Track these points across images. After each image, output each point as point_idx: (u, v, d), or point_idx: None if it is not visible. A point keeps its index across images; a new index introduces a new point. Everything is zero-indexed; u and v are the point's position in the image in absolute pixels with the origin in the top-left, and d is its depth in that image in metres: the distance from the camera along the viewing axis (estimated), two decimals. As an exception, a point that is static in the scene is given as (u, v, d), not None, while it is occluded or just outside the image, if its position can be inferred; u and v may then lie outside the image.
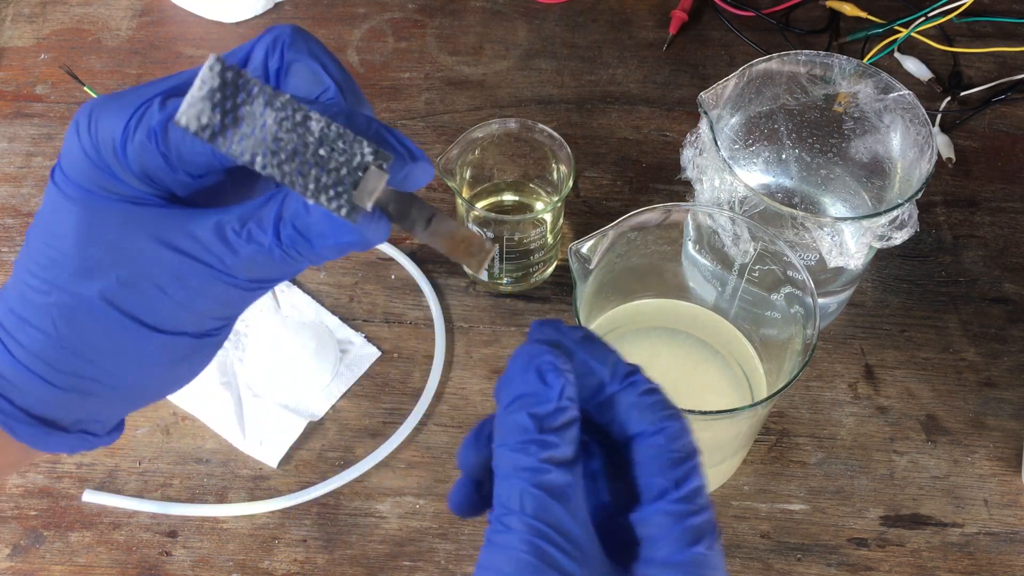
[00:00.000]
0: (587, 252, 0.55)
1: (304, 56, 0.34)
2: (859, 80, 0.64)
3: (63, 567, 0.61)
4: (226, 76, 0.30)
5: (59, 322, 0.34)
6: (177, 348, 0.35)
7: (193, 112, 0.30)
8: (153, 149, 0.32)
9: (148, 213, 0.33)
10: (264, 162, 0.30)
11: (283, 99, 0.30)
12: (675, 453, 0.35)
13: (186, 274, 0.33)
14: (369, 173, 0.31)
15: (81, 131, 0.33)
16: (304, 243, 0.33)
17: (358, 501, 0.64)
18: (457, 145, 0.67)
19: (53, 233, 0.34)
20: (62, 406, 0.35)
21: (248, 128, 0.30)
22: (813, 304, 0.54)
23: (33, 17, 0.89)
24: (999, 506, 0.64)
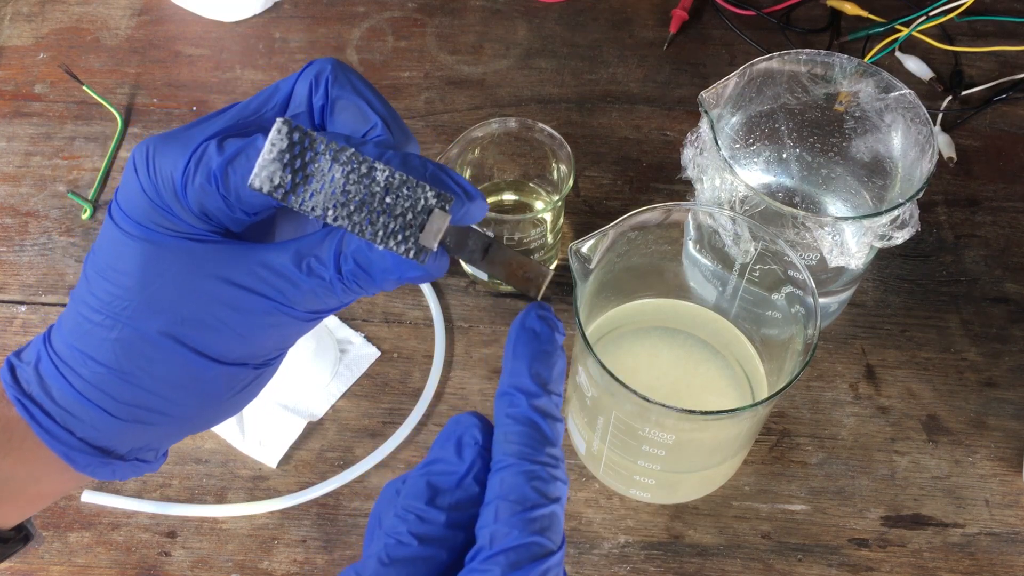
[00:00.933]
0: (587, 252, 0.55)
1: (348, 93, 0.35)
2: (860, 79, 0.64)
3: (62, 567, 0.61)
4: (293, 137, 0.31)
5: (122, 357, 0.35)
6: (238, 379, 0.36)
7: (266, 175, 0.31)
8: (213, 191, 0.34)
9: (208, 250, 0.35)
10: (335, 215, 0.32)
11: (348, 153, 0.32)
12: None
13: (248, 308, 0.35)
14: (434, 216, 0.32)
15: (140, 170, 0.35)
16: (366, 278, 0.34)
17: (358, 501, 0.64)
18: (457, 144, 0.67)
19: (114, 269, 0.35)
20: (121, 436, 0.36)
21: (318, 184, 0.32)
22: (814, 304, 0.54)
23: (32, 16, 0.88)
24: (1000, 506, 0.64)
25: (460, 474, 0.32)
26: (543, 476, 0.31)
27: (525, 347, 0.33)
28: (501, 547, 0.30)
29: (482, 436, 0.32)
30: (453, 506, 0.31)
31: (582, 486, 0.64)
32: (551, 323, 0.34)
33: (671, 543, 0.62)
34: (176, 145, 0.34)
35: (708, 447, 0.59)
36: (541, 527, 0.30)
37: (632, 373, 0.55)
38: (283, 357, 0.39)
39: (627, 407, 0.55)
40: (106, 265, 0.35)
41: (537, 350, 0.33)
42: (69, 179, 0.78)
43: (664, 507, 0.64)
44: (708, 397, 0.63)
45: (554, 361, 0.33)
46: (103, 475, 0.37)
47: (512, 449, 0.31)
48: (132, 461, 0.37)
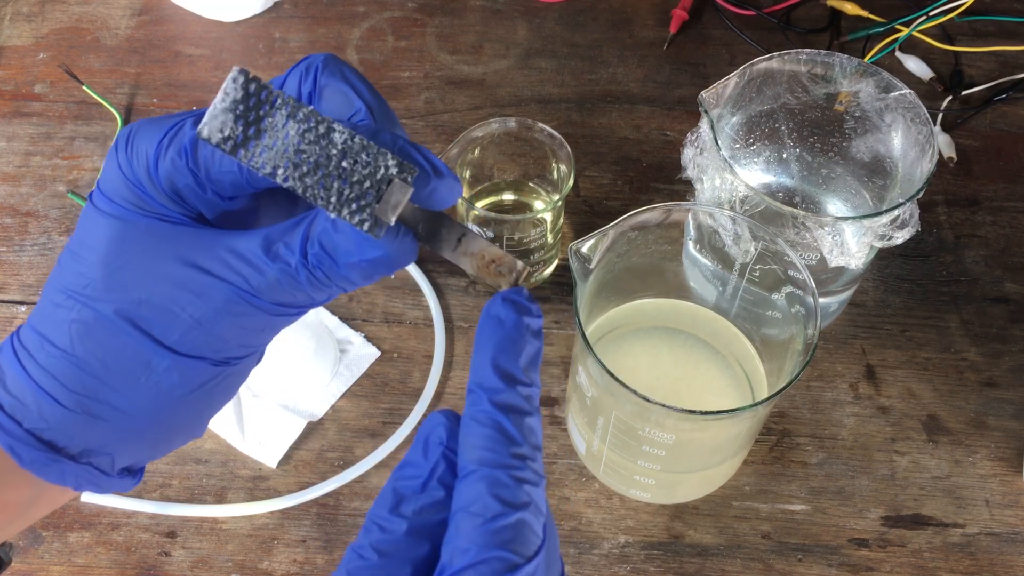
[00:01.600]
0: (587, 252, 0.55)
1: (336, 80, 0.34)
2: (860, 79, 0.64)
3: (61, 567, 0.61)
4: (249, 88, 0.30)
5: (76, 338, 0.33)
6: (193, 373, 0.34)
7: (216, 124, 0.30)
8: (183, 167, 0.33)
9: (175, 231, 0.33)
10: (286, 174, 0.30)
11: (306, 111, 0.30)
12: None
13: (208, 292, 0.33)
14: (393, 186, 0.30)
15: (119, 150, 0.34)
16: (330, 263, 0.32)
17: (358, 502, 0.64)
18: (457, 144, 0.67)
19: (83, 245, 0.34)
20: (70, 430, 0.34)
21: (270, 140, 0.30)
22: (814, 304, 0.54)
23: (32, 16, 0.88)
24: (1000, 506, 0.64)
25: (423, 478, 0.30)
26: (506, 482, 0.29)
27: (487, 338, 0.31)
28: (460, 565, 0.28)
29: (447, 435, 0.31)
30: (416, 512, 0.29)
31: (582, 486, 0.64)
32: (519, 306, 0.31)
33: (671, 543, 0.62)
34: (156, 125, 0.34)
35: (708, 447, 0.59)
36: (504, 539, 0.28)
37: (632, 373, 0.55)
38: (252, 362, 0.36)
39: (627, 407, 0.55)
40: (77, 241, 0.34)
41: (501, 338, 0.31)
42: (69, 179, 0.78)
43: (664, 507, 0.64)
44: (708, 397, 0.63)
45: (520, 348, 0.31)
46: (51, 476, 0.34)
47: (474, 455, 0.29)
48: (84, 464, 0.35)
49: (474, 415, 0.30)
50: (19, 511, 0.36)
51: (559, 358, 0.69)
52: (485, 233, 0.68)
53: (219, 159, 0.33)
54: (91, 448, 0.35)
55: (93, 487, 0.36)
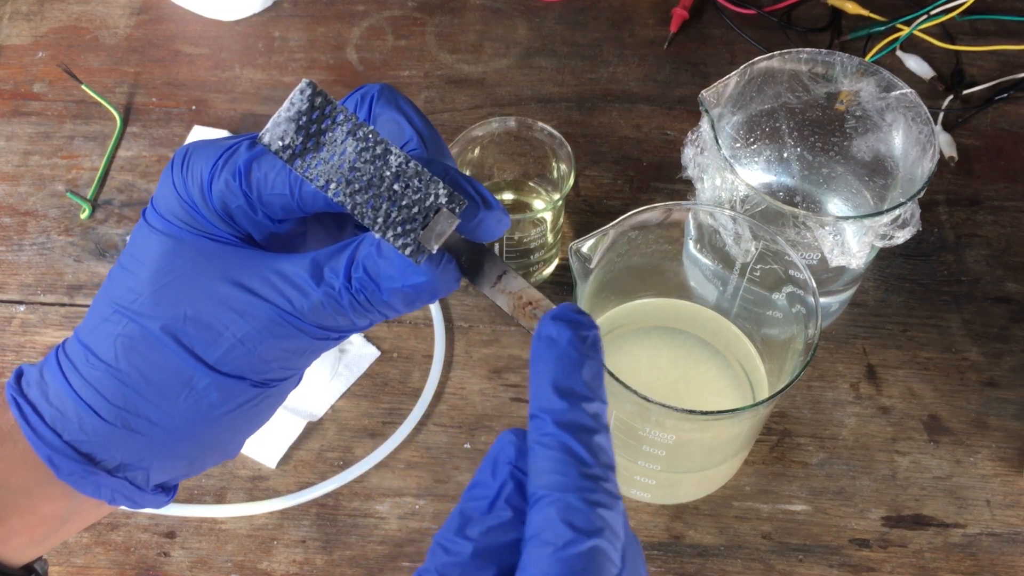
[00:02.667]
0: (587, 251, 0.55)
1: (390, 110, 0.34)
2: (861, 78, 0.63)
3: (60, 568, 0.61)
4: (315, 101, 0.30)
5: (120, 352, 0.34)
6: (233, 393, 0.34)
7: (278, 132, 0.30)
8: (236, 187, 0.33)
9: (224, 251, 0.34)
10: (338, 189, 0.31)
11: (366, 130, 0.31)
12: None
13: (252, 312, 0.33)
14: (441, 215, 0.31)
15: (175, 168, 0.34)
16: (373, 287, 0.33)
17: (357, 502, 0.63)
18: (457, 144, 0.67)
19: (134, 259, 0.35)
20: (108, 443, 0.34)
21: (328, 154, 0.31)
22: (815, 303, 0.54)
23: (31, 15, 0.88)
24: (1002, 507, 0.64)
25: (490, 498, 0.29)
26: (578, 506, 0.27)
27: (542, 360, 0.30)
28: None
29: (516, 454, 0.30)
30: (483, 534, 0.28)
31: (582, 486, 0.64)
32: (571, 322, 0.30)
33: (671, 543, 0.62)
34: (212, 147, 0.34)
35: (708, 447, 0.59)
36: (577, 568, 0.27)
37: (632, 373, 0.55)
38: (292, 384, 0.37)
39: (627, 407, 0.55)
40: (128, 256, 0.35)
41: (556, 357, 0.30)
42: (68, 178, 0.78)
43: (664, 507, 0.63)
44: (708, 397, 0.63)
45: (579, 363, 0.30)
46: (87, 489, 0.35)
47: (543, 480, 0.28)
48: (120, 479, 0.35)
49: (539, 439, 0.29)
50: (55, 525, 0.37)
51: (559, 358, 0.69)
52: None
53: (271, 182, 0.33)
54: (128, 462, 0.35)
55: (127, 502, 0.36)
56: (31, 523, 0.36)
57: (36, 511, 0.36)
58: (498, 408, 0.67)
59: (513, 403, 0.67)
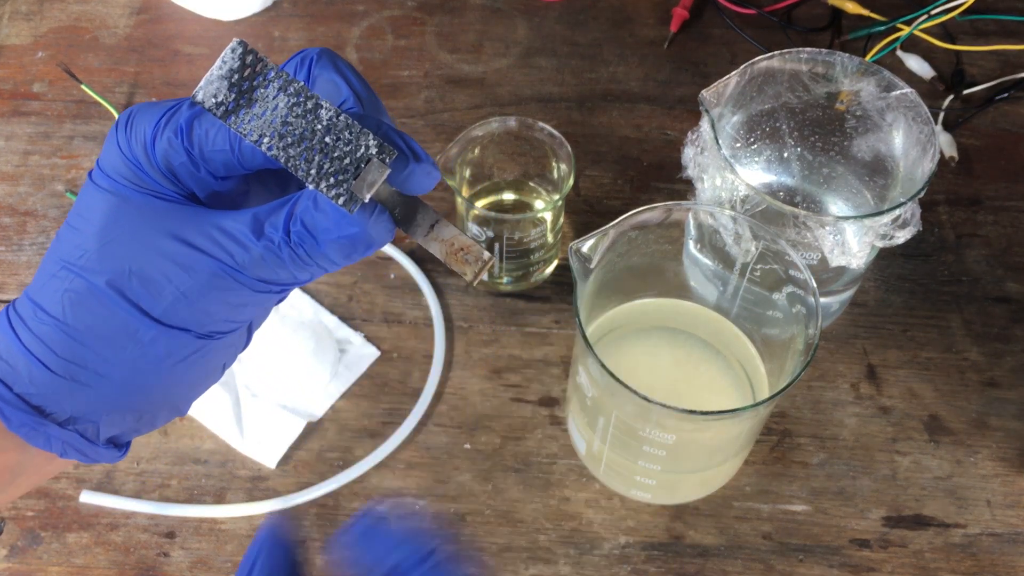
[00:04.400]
0: (587, 251, 0.55)
1: (329, 71, 0.35)
2: (861, 78, 0.63)
3: (60, 568, 0.61)
4: (246, 59, 0.32)
5: (68, 307, 0.35)
6: (177, 344, 0.35)
7: (211, 90, 0.32)
8: (179, 145, 0.34)
9: (167, 207, 0.35)
10: (271, 143, 0.32)
11: (297, 86, 0.32)
12: None
13: (195, 267, 0.34)
14: (371, 165, 0.32)
15: (119, 130, 0.36)
16: (310, 240, 0.34)
17: (357, 502, 0.63)
18: (457, 144, 0.67)
19: (80, 217, 0.36)
20: (57, 395, 0.35)
21: (260, 109, 0.32)
22: (815, 303, 0.54)
23: (30, 15, 0.88)
24: (1002, 507, 0.64)
25: None
26: None
27: None
28: None
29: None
30: None
31: (583, 487, 0.64)
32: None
33: (672, 544, 0.62)
34: (155, 107, 0.35)
35: (709, 447, 0.59)
36: None
37: (632, 373, 0.55)
38: (239, 335, 0.38)
39: (628, 407, 0.55)
40: (75, 215, 0.36)
41: None
42: (67, 178, 0.78)
43: (665, 508, 0.63)
44: (709, 397, 0.63)
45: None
46: (38, 441, 0.36)
47: None
48: (70, 431, 0.36)
49: None
50: (7, 479, 0.38)
51: (559, 358, 0.69)
52: (485, 232, 0.67)
53: (212, 138, 0.34)
54: (77, 415, 0.36)
55: (78, 455, 0.37)
56: None
57: None
58: (498, 408, 0.67)
59: (513, 403, 0.67)
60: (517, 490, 0.64)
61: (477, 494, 0.64)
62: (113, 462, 0.39)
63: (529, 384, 0.68)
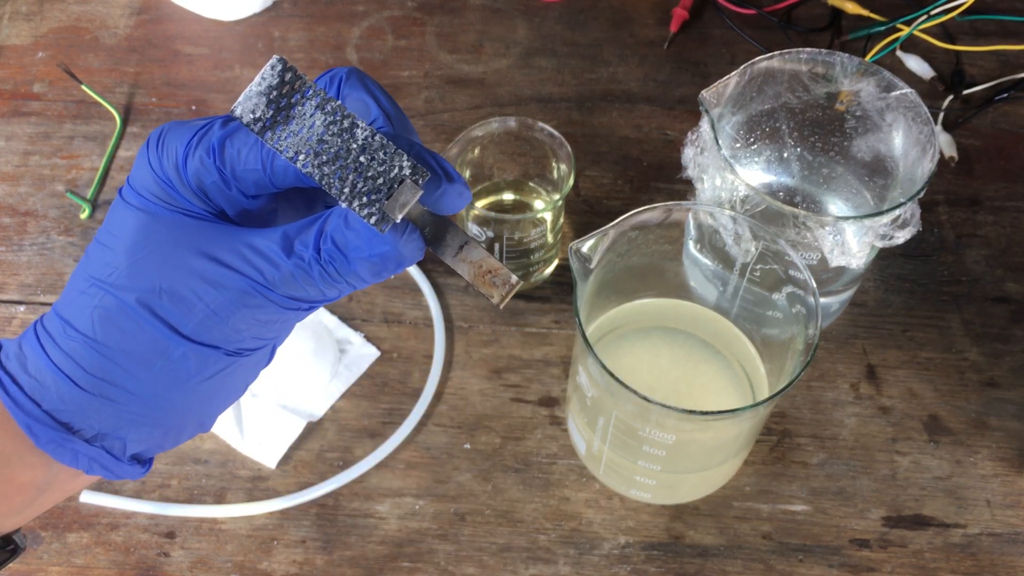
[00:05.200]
0: (587, 251, 0.55)
1: (358, 91, 0.36)
2: (861, 78, 0.63)
3: (60, 568, 0.61)
4: (285, 76, 0.32)
5: (97, 323, 0.35)
6: (207, 362, 0.36)
7: (249, 105, 0.32)
8: (210, 164, 0.35)
9: (197, 225, 0.35)
10: (306, 160, 0.32)
11: (334, 104, 0.32)
12: None
13: (224, 284, 0.34)
14: (404, 186, 0.32)
15: (151, 146, 0.36)
16: (341, 258, 0.34)
17: (357, 502, 0.63)
18: (457, 144, 0.67)
19: (111, 234, 0.36)
20: (86, 412, 0.35)
21: (297, 127, 0.32)
22: (815, 304, 0.54)
23: (31, 15, 0.88)
24: (1002, 507, 0.64)
25: None
26: None
27: None
28: None
29: None
30: None
31: (582, 486, 0.64)
32: None
33: (671, 543, 0.62)
34: (187, 126, 0.36)
35: (709, 447, 0.59)
36: None
37: (632, 373, 0.55)
38: (264, 352, 0.38)
39: (627, 407, 0.55)
40: (105, 232, 0.36)
41: None
42: (68, 178, 0.78)
43: (664, 507, 0.63)
44: (709, 397, 0.63)
45: None
46: (65, 457, 0.36)
47: None
48: (97, 448, 0.36)
49: None
50: (33, 495, 0.37)
51: (559, 358, 0.69)
52: (485, 232, 0.67)
53: (244, 157, 0.35)
54: (105, 431, 0.36)
55: (104, 471, 0.37)
56: (9, 492, 0.37)
57: (14, 480, 0.36)
58: (498, 408, 0.67)
59: (513, 403, 0.67)
60: (517, 490, 0.64)
61: (477, 494, 0.64)
62: (136, 478, 0.39)
63: (529, 384, 0.68)
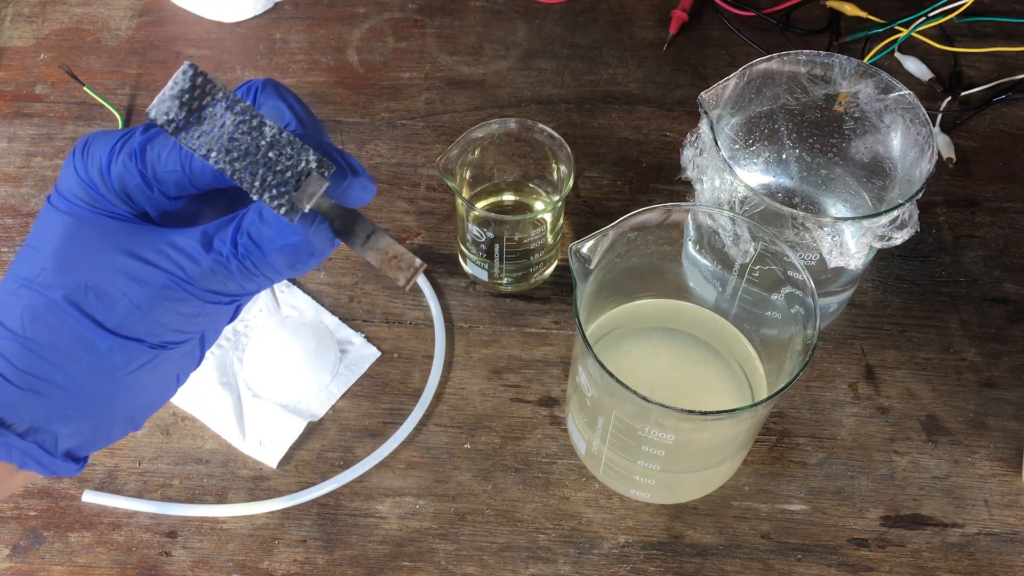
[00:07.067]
0: (587, 252, 0.55)
1: (273, 98, 0.38)
2: (859, 80, 0.64)
3: (62, 567, 0.61)
4: (196, 80, 0.34)
5: (27, 321, 0.36)
6: (132, 355, 0.37)
7: (163, 108, 0.34)
8: (132, 167, 0.37)
9: (121, 226, 0.37)
10: (218, 157, 0.34)
11: (243, 105, 0.35)
12: None
13: (147, 280, 0.36)
14: (311, 178, 0.35)
15: (76, 155, 0.38)
16: (257, 251, 0.36)
17: (358, 501, 0.64)
18: (457, 145, 0.67)
19: (39, 237, 0.38)
20: (17, 406, 0.37)
21: (209, 127, 0.34)
22: (813, 304, 0.54)
23: (33, 17, 0.89)
24: (1000, 506, 0.64)
25: None
26: None
27: None
28: None
29: None
30: None
31: (582, 486, 0.64)
32: None
33: (671, 543, 0.63)
34: (110, 134, 0.38)
35: (708, 447, 0.59)
36: None
37: (632, 373, 0.55)
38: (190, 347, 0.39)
39: (627, 407, 0.55)
40: (34, 236, 0.38)
41: None
42: (70, 180, 0.78)
43: (664, 507, 0.64)
44: (708, 397, 0.63)
45: None
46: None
47: None
48: (29, 442, 0.37)
49: None
50: None
51: (559, 358, 0.70)
52: (485, 233, 0.68)
53: (164, 160, 0.37)
54: (36, 425, 0.37)
55: (38, 467, 0.38)
56: None
57: None
58: (498, 408, 0.67)
59: (513, 403, 0.68)
60: (517, 490, 0.64)
61: (477, 494, 0.64)
62: (70, 475, 0.40)
63: (529, 384, 0.68)
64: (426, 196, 0.77)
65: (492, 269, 0.71)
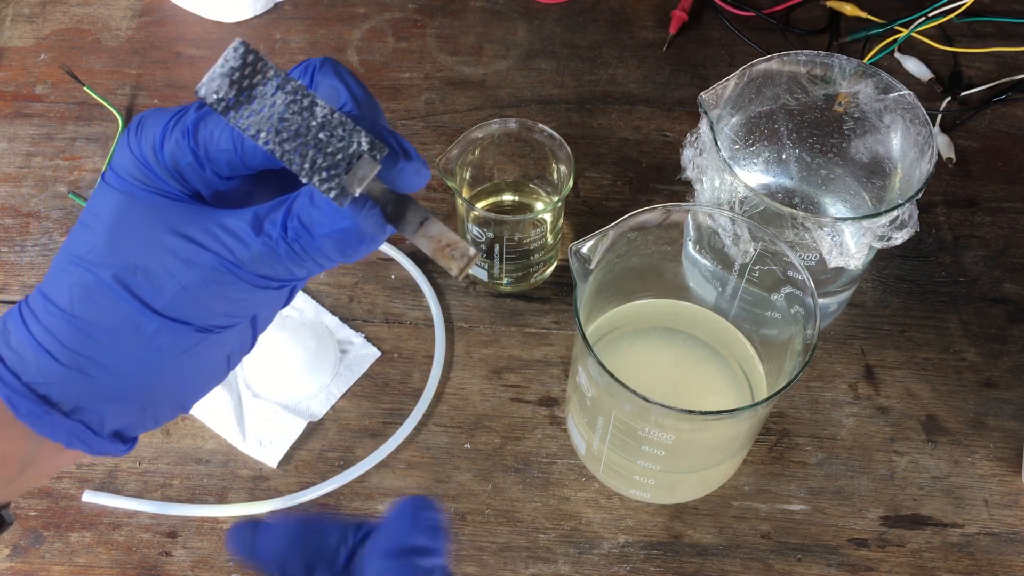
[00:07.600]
0: (587, 252, 0.55)
1: (330, 77, 0.37)
2: (859, 80, 0.64)
3: (63, 567, 0.61)
4: (247, 58, 0.33)
5: (75, 299, 0.36)
6: (179, 337, 0.37)
7: (212, 86, 0.33)
8: (185, 145, 0.36)
9: (173, 206, 0.37)
10: (268, 138, 0.33)
11: (294, 84, 0.33)
12: None
13: (195, 261, 0.36)
14: (362, 161, 0.33)
15: (131, 132, 0.37)
16: (306, 236, 0.35)
17: (358, 501, 0.64)
18: (457, 145, 0.67)
19: (91, 214, 0.37)
20: (64, 386, 0.36)
21: (259, 106, 0.33)
22: (813, 304, 0.54)
23: (33, 17, 0.89)
24: (999, 506, 0.64)
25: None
26: None
27: None
28: None
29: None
30: None
31: (582, 486, 0.64)
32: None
33: (671, 543, 0.63)
34: (164, 111, 0.37)
35: (708, 447, 0.59)
36: None
37: (632, 373, 0.55)
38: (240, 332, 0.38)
39: (627, 407, 0.55)
40: (87, 213, 0.37)
41: None
42: (70, 180, 0.78)
43: (664, 507, 0.64)
44: (708, 397, 0.63)
45: None
46: (44, 429, 0.37)
47: None
48: (75, 421, 0.37)
49: None
50: (18, 467, 0.38)
51: (559, 358, 0.70)
52: (485, 233, 0.68)
53: (216, 138, 0.36)
54: (82, 405, 0.37)
55: (83, 445, 0.38)
56: None
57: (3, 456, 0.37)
58: (498, 408, 0.67)
59: (513, 403, 0.68)
60: (517, 490, 0.64)
61: (477, 494, 0.64)
62: (118, 455, 0.40)
63: (529, 384, 0.68)
64: (426, 196, 0.77)
65: (492, 269, 0.71)
